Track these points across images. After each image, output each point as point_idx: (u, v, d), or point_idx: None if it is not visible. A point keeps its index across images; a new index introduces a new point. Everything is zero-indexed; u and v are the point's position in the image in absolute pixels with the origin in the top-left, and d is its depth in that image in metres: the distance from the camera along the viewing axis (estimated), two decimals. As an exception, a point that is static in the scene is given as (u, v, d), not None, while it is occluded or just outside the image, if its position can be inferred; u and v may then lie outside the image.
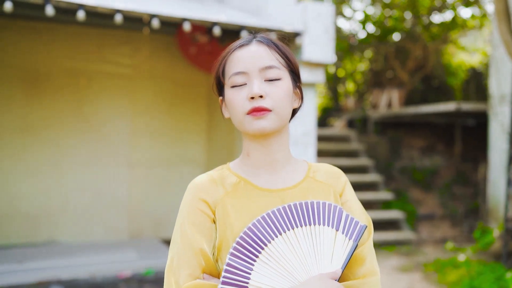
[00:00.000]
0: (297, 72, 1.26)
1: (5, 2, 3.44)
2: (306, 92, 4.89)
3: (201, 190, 1.19)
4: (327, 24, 4.76)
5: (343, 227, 1.13)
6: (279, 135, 1.21)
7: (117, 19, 3.82)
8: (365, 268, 1.13)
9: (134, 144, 6.61)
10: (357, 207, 1.25)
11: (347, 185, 1.27)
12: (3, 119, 5.88)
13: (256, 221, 1.10)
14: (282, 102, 1.16)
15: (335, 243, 1.11)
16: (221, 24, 4.32)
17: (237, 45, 1.20)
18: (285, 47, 1.24)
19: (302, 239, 1.10)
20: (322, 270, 1.08)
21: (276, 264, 1.08)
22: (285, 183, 1.21)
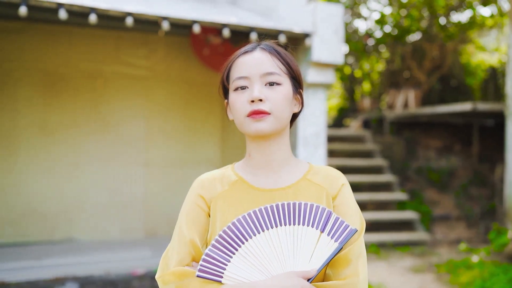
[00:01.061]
0: (298, 78, 1.32)
1: (20, 6, 3.57)
2: (316, 93, 4.92)
3: (201, 187, 1.30)
4: (337, 25, 4.79)
5: (330, 229, 1.16)
6: (278, 137, 1.28)
7: (128, 22, 3.92)
8: (348, 270, 1.15)
9: (149, 144, 6.73)
10: (350, 211, 1.25)
11: (343, 189, 1.28)
12: (23, 120, 6.05)
13: (241, 217, 1.17)
14: (281, 106, 1.23)
15: (317, 244, 1.15)
16: (230, 26, 4.38)
17: (241, 52, 1.28)
18: (287, 55, 1.31)
19: (284, 238, 1.15)
20: (297, 269, 1.12)
21: (254, 259, 1.13)
22: (280, 183, 1.27)
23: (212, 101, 7.04)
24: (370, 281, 5.22)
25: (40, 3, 3.66)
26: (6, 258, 5.37)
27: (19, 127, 6.06)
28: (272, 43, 1.33)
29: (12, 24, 5.81)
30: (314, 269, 1.12)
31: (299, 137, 4.87)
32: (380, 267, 6.04)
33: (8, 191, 5.98)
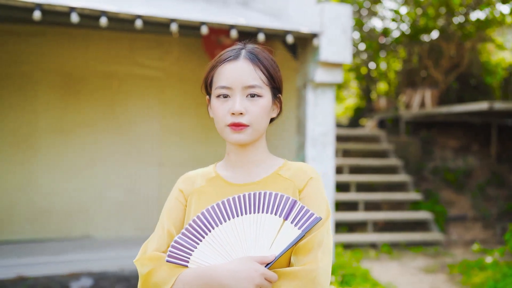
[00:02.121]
0: (278, 85, 1.39)
1: (34, 10, 3.71)
2: (325, 92, 4.96)
3: (182, 182, 1.41)
4: (345, 25, 4.82)
5: (294, 217, 1.22)
6: (255, 142, 1.37)
7: (138, 24, 4.02)
8: (308, 257, 1.20)
9: (164, 144, 6.86)
10: (316, 202, 1.30)
11: (311, 182, 1.33)
12: (41, 120, 6.25)
13: (210, 207, 1.26)
14: (260, 119, 1.31)
15: (280, 231, 1.21)
16: (238, 27, 4.46)
17: (226, 58, 1.33)
18: (270, 62, 1.36)
19: (247, 226, 1.22)
20: (257, 254, 1.19)
21: (219, 245, 1.21)
22: (252, 178, 1.36)
23: (225, 101, 7.11)
24: (379, 281, 5.23)
25: (53, 7, 3.79)
26: (25, 253, 5.56)
27: (38, 127, 6.25)
28: (256, 48, 1.38)
29: (31, 28, 5.99)
30: (273, 254, 1.17)
31: (308, 137, 4.91)
32: (391, 267, 6.03)
33: (28, 189, 6.17)
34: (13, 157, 6.14)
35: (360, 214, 7.18)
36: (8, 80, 6.12)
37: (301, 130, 5.03)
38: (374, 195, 7.46)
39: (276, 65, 1.39)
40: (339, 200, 7.37)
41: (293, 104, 5.33)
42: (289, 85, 5.48)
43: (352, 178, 7.62)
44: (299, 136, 5.10)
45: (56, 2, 3.79)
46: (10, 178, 6.12)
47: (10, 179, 6.12)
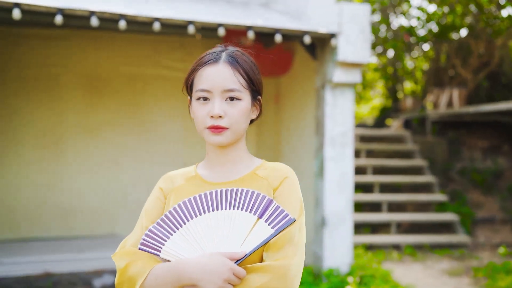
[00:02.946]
0: (257, 88, 1.41)
1: (56, 15, 3.84)
2: (343, 92, 4.93)
3: (163, 181, 1.46)
4: (363, 25, 4.78)
5: (269, 216, 1.24)
6: (235, 143, 1.40)
7: (156, 27, 4.10)
8: (279, 253, 1.22)
9: (187, 144, 6.95)
10: (288, 201, 1.32)
11: (285, 182, 1.35)
12: (68, 121, 6.43)
13: (186, 200, 1.30)
14: (239, 121, 1.34)
15: (253, 228, 1.23)
16: (255, 28, 4.48)
17: (206, 61, 1.37)
18: (250, 66, 1.39)
19: (221, 221, 1.25)
20: (228, 250, 1.21)
21: (192, 238, 1.24)
22: (229, 177, 1.39)
23: (247, 102, 7.16)
24: (400, 283, 5.16)
25: (74, 11, 3.91)
26: (52, 250, 5.73)
27: (65, 128, 6.44)
28: (237, 51, 1.40)
29: (58, 31, 6.18)
30: (243, 251, 1.20)
31: (326, 137, 4.90)
32: (414, 269, 5.94)
33: (56, 188, 6.37)
34: (42, 156, 6.34)
35: (383, 215, 7.10)
36: (37, 82, 6.33)
37: (320, 131, 5.02)
38: (398, 196, 7.37)
39: (256, 68, 1.41)
40: (362, 201, 7.31)
41: (312, 104, 5.32)
42: (308, 86, 5.47)
43: (376, 178, 7.54)
44: (318, 137, 5.09)
45: (76, 7, 3.91)
46: (39, 177, 6.32)
47: (39, 178, 6.32)
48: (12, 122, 6.25)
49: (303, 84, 5.67)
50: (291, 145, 6.04)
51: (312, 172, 5.28)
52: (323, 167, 4.95)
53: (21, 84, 6.31)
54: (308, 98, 5.48)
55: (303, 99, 5.62)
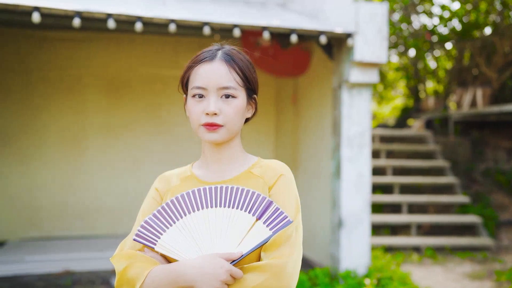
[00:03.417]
0: (253, 86, 1.42)
1: (74, 18, 3.91)
2: (361, 93, 4.89)
3: (158, 182, 1.45)
4: (380, 24, 4.73)
5: (268, 217, 1.24)
6: (230, 141, 1.40)
7: (171, 28, 4.14)
8: (276, 252, 1.22)
9: (205, 145, 6.98)
10: (284, 199, 1.32)
11: (281, 180, 1.35)
12: (89, 122, 6.54)
13: (185, 193, 1.29)
14: (234, 119, 1.35)
15: (251, 229, 1.23)
16: (271, 29, 4.48)
17: (202, 58, 1.37)
18: (246, 64, 1.39)
19: (220, 218, 1.24)
20: (225, 249, 1.22)
21: (188, 233, 1.23)
22: (225, 177, 1.38)
23: (266, 102, 7.17)
24: (419, 285, 5.09)
25: (92, 14, 3.98)
26: (73, 249, 5.84)
27: (87, 128, 6.55)
28: (233, 49, 1.41)
29: (81, 34, 6.29)
30: (240, 252, 1.20)
31: (343, 137, 4.86)
32: (434, 272, 5.85)
33: (77, 187, 6.48)
34: (64, 156, 6.47)
35: (403, 217, 7.01)
36: (60, 84, 6.46)
37: (337, 131, 4.99)
38: (418, 197, 7.26)
39: (252, 67, 1.42)
40: (382, 202, 7.23)
41: (329, 105, 5.29)
42: (325, 86, 5.44)
43: (396, 179, 7.45)
44: (335, 137, 5.06)
45: (94, 9, 3.97)
46: (61, 177, 6.45)
47: (62, 178, 6.45)
48: (36, 123, 6.40)
49: (321, 84, 5.64)
50: (309, 145, 6.01)
51: (329, 173, 5.25)
52: (339, 167, 4.92)
53: (45, 85, 6.45)
54: (325, 98, 5.45)
55: (321, 99, 5.59)
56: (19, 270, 5.12)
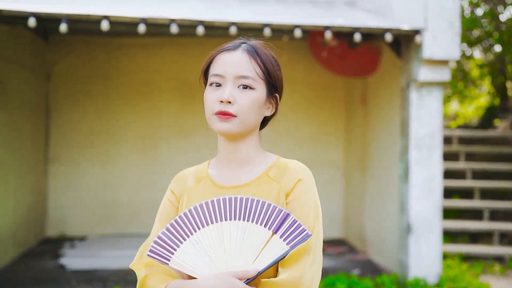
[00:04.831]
0: (275, 82, 1.33)
1: (139, 24, 4.08)
2: (431, 92, 4.64)
3: (174, 182, 1.39)
4: (452, 18, 4.47)
5: (284, 231, 1.16)
6: (245, 138, 1.31)
7: (232, 31, 4.19)
8: (294, 267, 1.15)
9: (273, 147, 6.99)
10: (302, 208, 1.23)
11: (299, 185, 1.26)
12: (162, 124, 6.81)
13: (198, 205, 1.21)
14: (248, 110, 1.26)
15: (267, 244, 1.16)
16: (333, 28, 4.39)
17: (224, 48, 1.33)
18: (269, 58, 1.32)
19: (234, 232, 1.17)
20: (240, 266, 1.15)
21: (202, 249, 1.17)
22: (240, 180, 1.30)
23: (335, 104, 7.05)
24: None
25: (156, 20, 4.13)
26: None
27: (160, 130, 6.82)
28: (258, 43, 1.35)
29: (153, 40, 6.57)
30: (256, 269, 1.14)
31: (411, 139, 4.65)
32: (517, 284, 5.40)
33: (151, 186, 6.76)
34: (139, 157, 6.77)
35: (484, 224, 6.55)
36: (135, 88, 6.78)
37: (405, 132, 4.78)
38: (502, 203, 6.76)
39: (276, 63, 1.34)
40: (460, 207, 6.82)
41: (397, 105, 5.08)
42: (394, 86, 5.24)
43: (476, 183, 6.99)
44: (403, 139, 4.85)
45: (158, 16, 4.12)
46: (136, 177, 6.76)
47: (137, 178, 6.76)
48: (113, 125, 6.76)
49: (389, 84, 5.44)
50: (377, 147, 5.81)
51: (397, 175, 5.05)
52: (408, 170, 4.71)
53: (121, 89, 6.80)
54: (393, 99, 5.25)
55: (389, 100, 5.39)
56: (96, 264, 5.42)
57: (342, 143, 7.10)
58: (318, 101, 7.04)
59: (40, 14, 3.88)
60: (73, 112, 6.74)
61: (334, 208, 7.09)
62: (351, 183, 6.87)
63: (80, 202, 6.70)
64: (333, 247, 6.56)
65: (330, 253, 6.26)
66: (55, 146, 6.75)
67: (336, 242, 6.88)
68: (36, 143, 6.36)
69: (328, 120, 7.05)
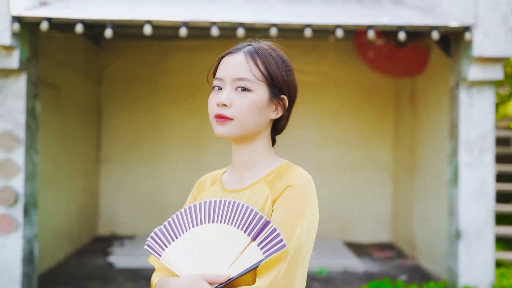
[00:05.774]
0: (278, 84, 1.29)
1: (181, 27, 4.14)
2: (482, 91, 4.43)
3: (196, 185, 1.43)
4: (505, 13, 4.24)
5: (262, 239, 1.15)
6: (249, 142, 1.30)
7: (272, 32, 4.17)
8: (262, 279, 1.13)
9: (320, 148, 6.92)
10: (284, 216, 1.18)
11: (287, 191, 1.21)
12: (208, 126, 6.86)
13: (192, 206, 1.24)
14: (245, 113, 1.24)
15: (245, 250, 1.15)
16: (376, 27, 4.28)
17: (228, 51, 1.33)
18: (273, 59, 1.29)
19: (218, 235, 1.18)
20: (217, 268, 1.16)
21: (189, 248, 1.20)
22: (242, 184, 1.30)
23: (383, 105, 6.88)
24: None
25: (197, 23, 4.18)
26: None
27: (207, 130, 6.90)
28: (263, 44, 1.32)
29: (199, 42, 6.66)
30: (228, 275, 1.14)
31: (461, 141, 4.45)
32: None
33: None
34: (186, 158, 6.89)
35: (545, 231, 6.17)
36: (182, 90, 6.91)
37: (454, 134, 4.58)
38: None
39: (283, 64, 1.30)
40: None
41: (446, 105, 4.89)
42: (443, 85, 5.05)
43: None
44: (452, 141, 4.65)
45: (199, 19, 4.17)
46: (184, 178, 6.87)
47: (184, 179, 6.87)
48: (161, 127, 6.92)
49: (438, 84, 5.24)
50: (426, 150, 5.62)
51: (446, 179, 4.85)
52: (457, 173, 4.51)
53: (169, 92, 6.95)
54: (442, 99, 5.05)
55: (438, 100, 5.20)
56: (143, 263, 5.55)
57: (390, 145, 6.91)
58: (365, 102, 6.89)
59: (86, 21, 4.02)
60: (123, 114, 6.95)
61: (382, 211, 6.91)
62: (400, 186, 6.67)
63: (129, 202, 6.90)
64: (380, 251, 6.40)
65: (377, 257, 6.11)
66: (107, 147, 6.99)
67: (384, 246, 6.70)
68: (88, 144, 6.61)
69: (376, 121, 6.89)
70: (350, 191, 6.90)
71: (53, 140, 5.37)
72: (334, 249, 6.29)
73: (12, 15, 3.91)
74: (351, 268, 5.57)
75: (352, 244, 6.65)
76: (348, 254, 6.08)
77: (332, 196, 6.84)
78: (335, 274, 5.42)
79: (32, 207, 4.30)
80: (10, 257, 4.08)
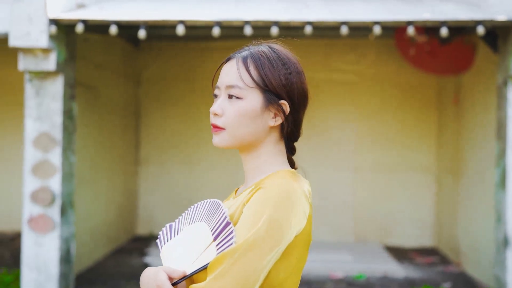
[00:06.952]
0: (274, 89, 1.22)
1: (214, 27, 4.10)
2: (532, 89, 4.15)
3: None
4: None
5: (220, 240, 1.15)
6: (254, 150, 1.25)
7: (307, 30, 4.06)
8: (208, 277, 1.10)
9: (359, 149, 6.73)
10: (243, 217, 1.14)
11: (254, 198, 1.15)
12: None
13: (193, 205, 1.28)
14: (235, 122, 1.20)
15: (206, 249, 1.16)
16: (416, 23, 4.09)
17: (228, 57, 1.30)
18: (269, 63, 1.22)
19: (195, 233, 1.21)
20: (183, 263, 1.17)
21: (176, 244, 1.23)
22: (239, 191, 1.31)
23: (426, 104, 6.63)
24: None
25: (230, 22, 4.12)
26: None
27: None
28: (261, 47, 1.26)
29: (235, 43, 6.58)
30: (183, 272, 1.14)
31: (509, 142, 4.19)
32: None
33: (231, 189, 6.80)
34: (221, 161, 6.85)
35: None
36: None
37: (502, 134, 4.32)
38: None
39: (282, 67, 1.23)
40: None
41: (493, 104, 4.63)
42: (490, 83, 4.79)
43: None
44: (500, 141, 4.39)
45: (233, 18, 4.11)
46: (218, 180, 6.84)
47: (219, 181, 6.85)
48: (199, 127, 6.91)
49: (485, 82, 4.97)
50: (472, 151, 5.35)
51: (493, 182, 4.59)
52: (505, 176, 4.25)
53: (207, 93, 6.90)
54: (489, 98, 4.79)
55: (484, 99, 4.94)
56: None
57: (433, 146, 6.65)
58: (407, 101, 6.65)
59: (120, 22, 4.03)
60: (161, 115, 7.00)
61: (425, 214, 6.66)
62: (443, 189, 6.40)
63: (167, 202, 6.93)
64: (423, 256, 6.15)
65: (419, 263, 5.87)
66: (145, 148, 7.05)
67: (426, 251, 6.45)
68: (127, 145, 6.69)
69: (418, 121, 6.64)
70: (391, 194, 6.68)
71: (91, 141, 5.45)
72: (374, 253, 6.10)
73: (49, 18, 3.97)
74: (391, 273, 5.38)
75: (393, 249, 6.43)
76: (388, 258, 5.88)
77: (371, 198, 6.65)
78: (374, 279, 5.25)
79: (69, 207, 4.36)
80: (47, 256, 4.14)
